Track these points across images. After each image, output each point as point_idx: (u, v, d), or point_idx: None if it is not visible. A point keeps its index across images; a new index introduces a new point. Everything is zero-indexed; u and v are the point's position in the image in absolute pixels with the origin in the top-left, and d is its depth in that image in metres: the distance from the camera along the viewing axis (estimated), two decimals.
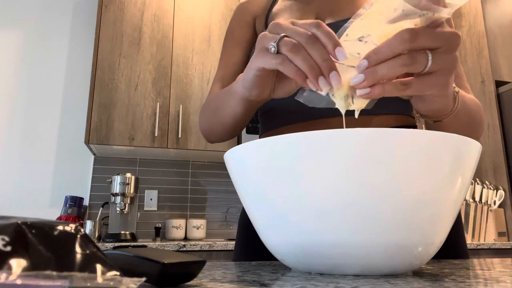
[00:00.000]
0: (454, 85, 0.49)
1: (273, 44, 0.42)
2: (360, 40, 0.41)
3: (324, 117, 0.66)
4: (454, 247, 0.67)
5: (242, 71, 0.80)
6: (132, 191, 2.15)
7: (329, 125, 0.66)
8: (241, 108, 0.58)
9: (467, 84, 0.71)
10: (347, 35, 0.41)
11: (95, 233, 2.11)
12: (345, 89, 0.40)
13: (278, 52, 0.42)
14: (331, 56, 0.40)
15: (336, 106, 0.41)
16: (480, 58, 2.83)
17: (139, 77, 2.31)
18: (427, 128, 0.59)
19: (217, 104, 0.67)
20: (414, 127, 0.71)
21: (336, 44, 0.40)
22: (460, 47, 2.99)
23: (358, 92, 0.39)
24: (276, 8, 0.79)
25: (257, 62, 0.45)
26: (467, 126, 0.58)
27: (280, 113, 0.71)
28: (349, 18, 0.67)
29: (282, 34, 0.42)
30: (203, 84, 2.41)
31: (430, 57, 0.38)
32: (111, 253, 0.32)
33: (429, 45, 0.38)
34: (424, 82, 0.39)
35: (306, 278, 0.34)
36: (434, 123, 0.54)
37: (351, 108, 0.41)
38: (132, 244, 1.99)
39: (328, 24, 0.69)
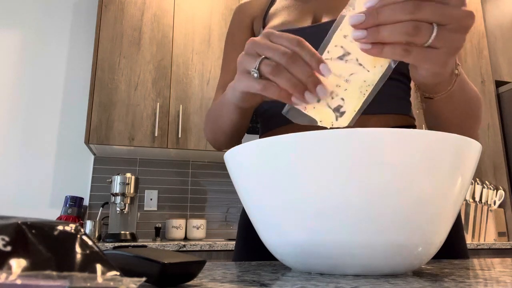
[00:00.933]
0: (458, 68, 0.48)
1: (254, 70, 0.42)
2: (341, 59, 0.41)
3: None
4: (454, 247, 0.67)
5: None
6: (132, 191, 2.15)
7: None
8: (237, 115, 0.59)
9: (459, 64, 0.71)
10: (328, 52, 0.41)
11: (95, 233, 2.11)
12: (329, 103, 0.41)
13: (260, 76, 0.42)
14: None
15: (319, 123, 0.42)
16: (480, 58, 2.83)
17: (139, 77, 2.31)
18: (424, 108, 0.59)
19: (216, 113, 0.69)
20: (413, 127, 0.71)
21: (320, 61, 0.40)
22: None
23: (360, 45, 0.38)
24: (273, 8, 0.79)
25: (241, 85, 0.46)
26: (463, 113, 0.57)
27: (279, 113, 0.71)
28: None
29: (262, 57, 0.42)
30: (203, 84, 2.41)
31: (435, 32, 0.36)
32: (111, 253, 0.32)
33: (435, 20, 0.36)
34: (423, 55, 0.38)
35: (306, 278, 0.34)
36: (430, 103, 0.53)
37: (334, 126, 0.41)
38: (132, 244, 1.99)
39: (326, 23, 0.70)
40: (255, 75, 0.42)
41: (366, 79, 0.40)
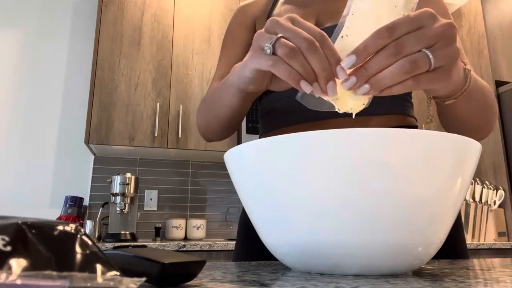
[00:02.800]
0: (465, 64, 0.48)
1: (268, 45, 0.41)
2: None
3: (325, 118, 0.66)
4: (454, 247, 0.67)
5: None
6: (132, 191, 2.15)
7: (329, 126, 0.66)
8: (238, 100, 0.57)
9: (466, 60, 0.71)
10: (342, 37, 0.41)
11: (95, 233, 2.11)
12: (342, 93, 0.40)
13: (273, 53, 0.41)
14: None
15: (336, 110, 0.41)
16: (480, 58, 2.83)
17: (139, 77, 2.31)
18: (444, 114, 0.58)
19: (214, 97, 0.66)
20: (414, 127, 0.71)
21: (338, 62, 0.39)
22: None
23: (360, 91, 0.39)
24: (275, 11, 0.79)
25: (251, 63, 0.44)
26: (482, 105, 0.57)
27: (280, 114, 0.71)
28: None
29: (279, 35, 0.41)
30: (203, 84, 2.41)
31: (431, 56, 0.37)
32: (111, 253, 0.32)
33: (422, 46, 0.37)
34: (431, 77, 0.38)
35: (306, 278, 0.34)
36: (450, 107, 0.53)
37: (349, 111, 0.41)
38: (132, 244, 1.99)
39: (328, 27, 0.69)
40: (268, 51, 0.41)
41: None
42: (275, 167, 0.34)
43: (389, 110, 0.67)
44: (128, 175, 2.16)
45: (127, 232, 2.13)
